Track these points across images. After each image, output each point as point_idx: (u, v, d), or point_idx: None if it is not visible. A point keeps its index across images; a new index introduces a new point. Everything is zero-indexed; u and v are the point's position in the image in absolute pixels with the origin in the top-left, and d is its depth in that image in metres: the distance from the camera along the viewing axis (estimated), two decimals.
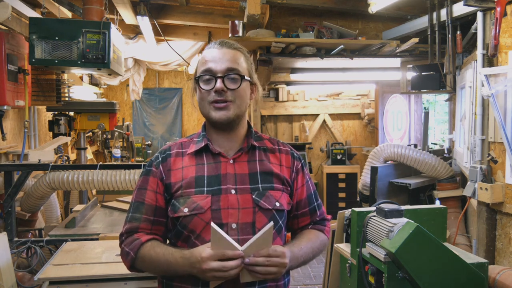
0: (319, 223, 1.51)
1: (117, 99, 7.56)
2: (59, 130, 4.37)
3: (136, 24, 4.79)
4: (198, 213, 1.29)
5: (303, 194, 1.46)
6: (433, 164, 4.04)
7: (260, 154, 1.42)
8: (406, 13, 4.11)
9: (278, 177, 1.40)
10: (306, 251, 1.38)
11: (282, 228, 1.38)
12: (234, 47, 1.39)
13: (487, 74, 2.79)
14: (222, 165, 1.36)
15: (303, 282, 4.38)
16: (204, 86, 1.34)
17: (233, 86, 1.34)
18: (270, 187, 1.37)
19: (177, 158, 1.39)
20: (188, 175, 1.34)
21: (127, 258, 1.33)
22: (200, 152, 1.39)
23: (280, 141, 1.51)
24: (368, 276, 2.14)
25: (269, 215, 1.33)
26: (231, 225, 1.29)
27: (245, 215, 1.31)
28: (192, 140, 1.43)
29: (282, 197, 1.38)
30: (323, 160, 6.54)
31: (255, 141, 1.42)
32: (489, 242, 2.93)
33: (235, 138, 1.41)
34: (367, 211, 2.30)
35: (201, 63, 1.38)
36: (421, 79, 4.31)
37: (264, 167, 1.39)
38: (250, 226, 1.30)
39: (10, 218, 2.98)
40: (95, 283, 2.04)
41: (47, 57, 3.16)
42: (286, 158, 1.45)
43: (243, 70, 1.37)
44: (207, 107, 1.35)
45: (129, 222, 1.37)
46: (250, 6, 3.66)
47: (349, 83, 5.88)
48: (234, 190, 1.33)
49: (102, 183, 3.16)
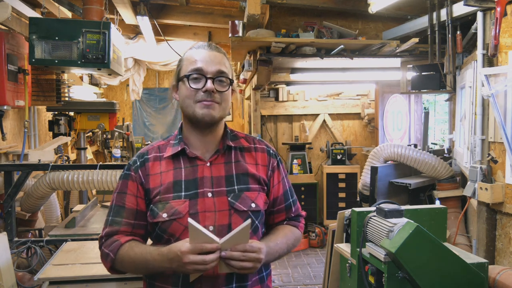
0: (294, 219, 1.53)
1: (117, 99, 7.55)
2: (59, 130, 4.37)
3: (136, 24, 4.80)
4: (177, 217, 1.31)
5: (279, 191, 1.48)
6: (433, 164, 4.04)
7: (236, 155, 1.43)
8: (406, 13, 4.11)
9: (254, 177, 1.41)
10: (282, 246, 1.40)
11: (259, 228, 1.40)
12: (221, 51, 1.42)
13: (487, 74, 2.79)
14: (199, 169, 1.37)
15: (303, 282, 4.38)
16: (193, 85, 1.34)
17: (222, 89, 1.36)
18: (246, 188, 1.38)
19: (155, 163, 1.39)
20: (166, 180, 1.36)
21: (107, 260, 1.35)
22: (177, 155, 1.40)
23: (257, 139, 1.52)
24: (368, 276, 2.14)
25: (244, 217, 1.35)
26: (208, 227, 1.30)
27: (222, 217, 1.33)
28: (169, 143, 1.44)
29: (258, 197, 1.40)
30: (323, 160, 6.54)
31: (231, 141, 1.43)
32: (489, 242, 2.93)
33: (212, 140, 1.41)
34: (367, 211, 2.30)
35: (189, 62, 1.38)
36: (421, 79, 4.31)
37: (240, 168, 1.41)
38: (226, 228, 1.32)
39: (10, 218, 2.98)
40: (95, 283, 2.04)
41: (47, 57, 3.16)
42: (262, 157, 1.46)
43: (230, 74, 1.40)
44: (192, 106, 1.35)
45: (109, 225, 1.38)
46: (250, 6, 3.66)
47: (349, 83, 5.88)
48: (211, 193, 1.35)
49: (102, 183, 3.16)
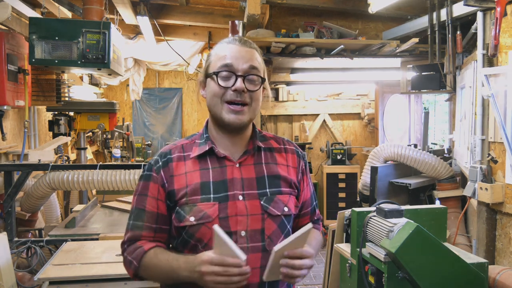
0: (316, 222, 1.50)
1: (117, 99, 7.55)
2: (59, 130, 4.37)
3: (136, 24, 4.79)
4: (206, 222, 1.22)
5: (307, 194, 1.44)
6: (433, 164, 4.04)
7: (266, 156, 1.36)
8: (406, 13, 4.11)
9: (285, 180, 1.35)
10: (316, 250, 1.38)
11: (290, 233, 1.33)
12: (253, 46, 1.32)
13: (487, 74, 2.79)
14: (228, 170, 1.29)
15: (303, 282, 4.38)
16: (222, 83, 1.26)
17: (253, 88, 1.27)
18: (278, 192, 1.31)
19: (179, 163, 1.30)
20: (193, 181, 1.27)
21: (130, 267, 1.29)
22: (204, 155, 1.31)
23: (285, 139, 1.45)
24: (368, 276, 2.14)
25: (278, 221, 1.29)
26: (240, 232, 1.24)
27: (254, 222, 1.25)
28: (194, 142, 1.35)
29: (289, 201, 1.33)
30: (323, 160, 6.54)
31: (260, 142, 1.36)
32: (489, 242, 2.93)
33: (241, 141, 1.34)
34: (367, 211, 2.30)
35: (218, 58, 1.29)
36: (421, 79, 4.31)
37: (271, 170, 1.33)
38: (259, 233, 1.25)
39: (10, 218, 2.98)
40: (95, 283, 2.04)
41: (47, 57, 3.16)
42: (292, 158, 1.40)
43: (262, 71, 1.31)
44: (220, 106, 1.26)
45: (130, 230, 1.31)
46: (250, 6, 3.66)
47: (349, 83, 5.88)
48: (242, 196, 1.26)
49: (102, 183, 3.16)
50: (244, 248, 1.20)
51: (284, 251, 1.14)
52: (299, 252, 1.15)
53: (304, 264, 1.16)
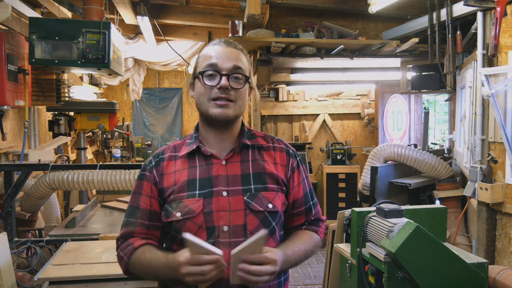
0: (314, 223, 1.47)
1: (117, 99, 7.55)
2: (59, 130, 4.37)
3: (136, 24, 4.79)
4: (191, 217, 1.28)
5: (299, 193, 1.42)
6: (433, 164, 4.04)
7: (254, 153, 1.38)
8: (406, 13, 4.11)
9: (272, 177, 1.36)
10: (300, 253, 1.36)
11: (276, 230, 1.35)
12: (238, 47, 1.38)
13: (487, 74, 2.79)
14: (214, 167, 1.34)
15: (303, 282, 4.38)
16: (207, 82, 1.31)
17: (237, 86, 1.32)
18: (263, 188, 1.33)
19: (170, 162, 1.37)
20: (181, 179, 1.33)
21: (121, 263, 1.36)
22: (193, 154, 1.37)
23: (275, 138, 1.47)
24: (368, 276, 2.14)
25: (261, 217, 1.30)
26: (222, 227, 1.27)
27: (237, 217, 1.28)
28: (184, 142, 1.41)
29: (276, 197, 1.34)
30: (323, 160, 6.54)
31: (248, 140, 1.39)
32: (489, 242, 2.94)
33: (229, 138, 1.38)
34: (367, 211, 2.30)
35: (204, 58, 1.35)
36: (421, 79, 4.31)
37: (258, 167, 1.36)
38: (242, 228, 1.28)
39: (10, 218, 2.98)
40: (95, 283, 2.04)
41: (47, 57, 3.16)
42: (280, 156, 1.41)
43: (247, 71, 1.35)
44: (207, 104, 1.31)
45: (124, 226, 1.37)
46: (250, 6, 3.66)
47: (349, 83, 5.88)
48: (226, 192, 1.31)
49: (102, 183, 3.16)
50: (226, 243, 1.25)
51: (241, 255, 1.14)
52: (256, 257, 1.16)
53: (263, 271, 1.16)
